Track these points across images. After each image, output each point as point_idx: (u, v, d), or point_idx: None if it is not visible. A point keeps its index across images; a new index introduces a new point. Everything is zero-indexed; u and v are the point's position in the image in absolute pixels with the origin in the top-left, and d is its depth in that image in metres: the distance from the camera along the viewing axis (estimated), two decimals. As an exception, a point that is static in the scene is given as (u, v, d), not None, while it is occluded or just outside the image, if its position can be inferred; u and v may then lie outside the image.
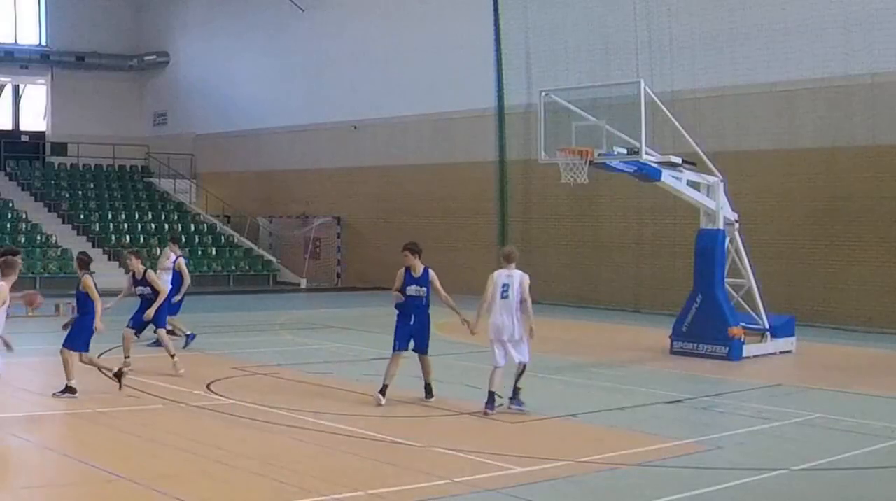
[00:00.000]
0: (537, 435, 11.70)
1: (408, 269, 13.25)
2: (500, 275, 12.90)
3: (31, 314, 17.08)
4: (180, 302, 18.61)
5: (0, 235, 33.98)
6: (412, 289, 13.24)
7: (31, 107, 44.20)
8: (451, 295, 14.10)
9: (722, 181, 18.51)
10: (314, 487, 8.96)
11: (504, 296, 12.79)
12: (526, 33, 29.78)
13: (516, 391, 12.67)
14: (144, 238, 36.67)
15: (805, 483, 9.78)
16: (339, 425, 11.62)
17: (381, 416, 12.48)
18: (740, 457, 10.53)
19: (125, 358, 15.21)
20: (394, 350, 13.03)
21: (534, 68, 29.48)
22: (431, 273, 13.39)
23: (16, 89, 43.96)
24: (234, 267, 36.16)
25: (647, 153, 17.26)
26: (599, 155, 17.34)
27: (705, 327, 17.98)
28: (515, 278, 12.92)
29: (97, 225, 36.88)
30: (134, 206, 39.08)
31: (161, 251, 20.24)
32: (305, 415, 12.09)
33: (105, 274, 33.26)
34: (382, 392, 12.90)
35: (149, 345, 17.33)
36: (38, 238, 34.69)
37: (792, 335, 19.14)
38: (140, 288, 15.91)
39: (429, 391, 13.35)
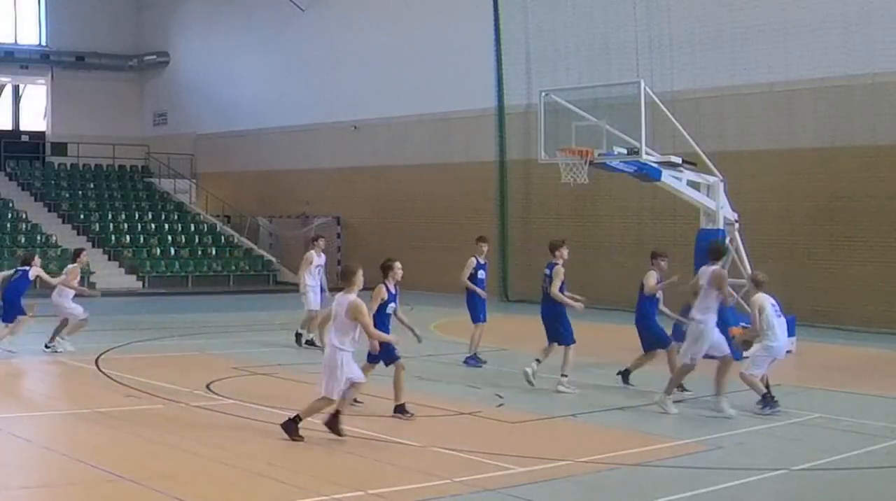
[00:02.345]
0: (537, 435, 11.70)
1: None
2: (767, 298, 13.17)
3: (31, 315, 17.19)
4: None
5: (0, 235, 34.00)
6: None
7: (31, 107, 44.19)
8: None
9: (722, 181, 18.51)
10: (314, 487, 8.96)
11: (779, 316, 13.30)
12: (526, 33, 29.77)
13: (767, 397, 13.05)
14: (144, 238, 36.67)
15: (805, 483, 9.79)
16: (339, 425, 11.61)
17: (381, 416, 12.47)
18: (740, 457, 10.54)
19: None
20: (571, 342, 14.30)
21: (534, 68, 29.48)
22: None
23: (16, 89, 43.95)
24: (234, 267, 36.15)
25: (647, 153, 17.26)
26: (599, 155, 17.35)
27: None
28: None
29: (97, 225, 36.86)
30: (134, 206, 39.07)
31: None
32: (305, 415, 12.07)
33: (105, 275, 33.46)
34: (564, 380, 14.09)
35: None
36: (38, 238, 34.66)
37: (792, 335, 19.12)
38: None
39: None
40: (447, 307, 23.61)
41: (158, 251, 35.96)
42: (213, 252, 36.89)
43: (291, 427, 10.71)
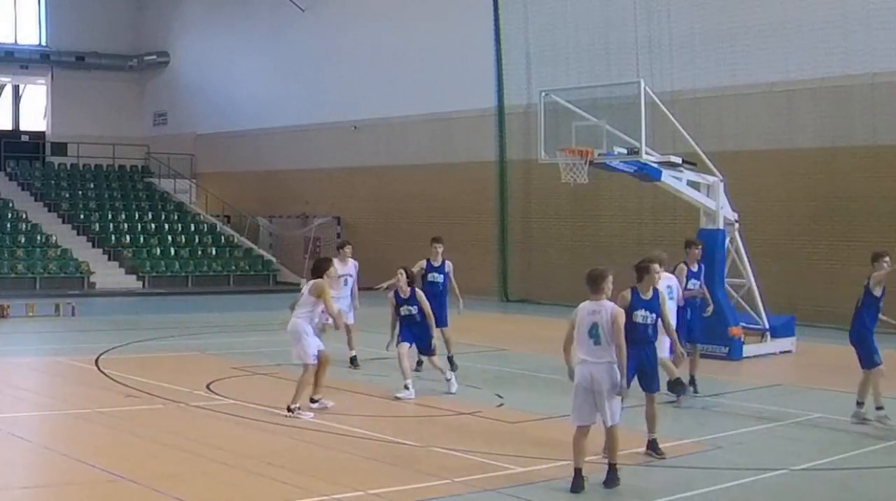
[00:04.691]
0: (537, 435, 11.69)
1: None
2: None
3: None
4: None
5: (0, 235, 34.00)
6: None
7: (31, 107, 44.19)
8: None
9: (722, 181, 18.51)
10: (314, 487, 8.97)
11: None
12: (526, 33, 29.77)
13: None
14: (144, 238, 36.67)
15: (805, 483, 9.79)
16: (339, 425, 11.63)
17: (381, 416, 12.49)
18: (740, 457, 10.53)
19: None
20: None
21: (534, 68, 29.48)
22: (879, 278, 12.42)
23: (16, 89, 43.95)
24: (234, 267, 36.15)
25: (647, 153, 17.26)
26: (599, 155, 17.34)
27: (705, 327, 17.95)
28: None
29: (97, 225, 36.86)
30: (134, 206, 39.07)
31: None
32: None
33: (105, 275, 33.48)
34: None
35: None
36: (38, 238, 34.67)
37: (792, 335, 19.14)
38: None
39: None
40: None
41: (158, 251, 35.96)
42: (213, 252, 36.89)
43: (614, 477, 9.13)
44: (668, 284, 12.80)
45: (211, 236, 38.16)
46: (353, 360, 16.60)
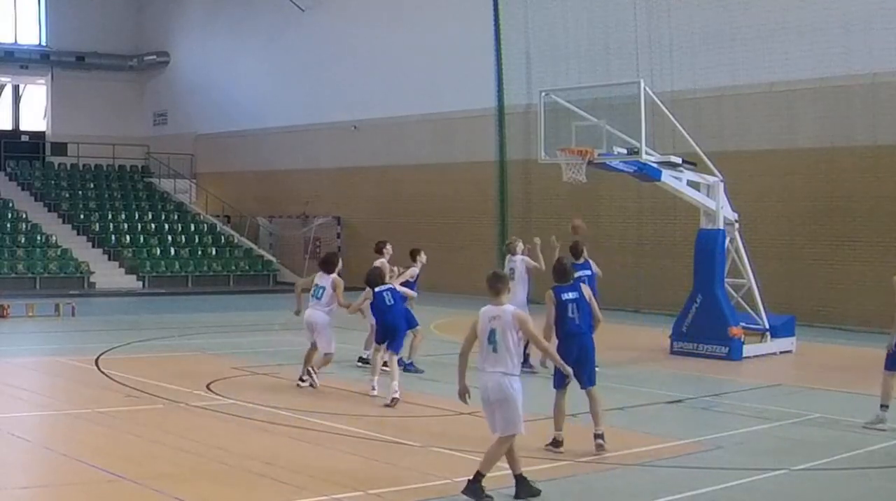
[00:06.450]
0: (537, 435, 11.67)
1: None
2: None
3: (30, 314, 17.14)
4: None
5: (0, 235, 34.00)
6: None
7: (31, 107, 44.19)
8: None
9: (722, 181, 18.51)
10: (314, 487, 8.97)
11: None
12: (526, 33, 29.77)
13: None
14: (144, 238, 36.67)
15: (805, 483, 9.79)
16: (339, 425, 11.63)
17: (381, 416, 12.49)
18: (740, 457, 10.53)
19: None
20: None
21: (534, 68, 29.47)
22: None
23: (16, 89, 43.96)
24: (234, 267, 36.16)
25: (647, 153, 17.26)
26: (599, 155, 17.34)
27: (705, 327, 17.99)
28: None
29: (97, 225, 36.87)
30: (134, 206, 39.08)
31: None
32: (305, 415, 12.09)
33: (105, 275, 33.47)
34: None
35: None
36: (38, 238, 34.67)
37: (792, 335, 19.14)
38: None
39: None
40: (447, 307, 23.63)
41: (158, 251, 35.96)
42: (213, 252, 36.90)
43: (476, 489, 8.71)
44: None
45: (211, 236, 38.17)
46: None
